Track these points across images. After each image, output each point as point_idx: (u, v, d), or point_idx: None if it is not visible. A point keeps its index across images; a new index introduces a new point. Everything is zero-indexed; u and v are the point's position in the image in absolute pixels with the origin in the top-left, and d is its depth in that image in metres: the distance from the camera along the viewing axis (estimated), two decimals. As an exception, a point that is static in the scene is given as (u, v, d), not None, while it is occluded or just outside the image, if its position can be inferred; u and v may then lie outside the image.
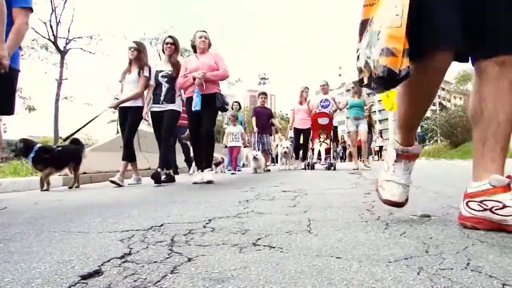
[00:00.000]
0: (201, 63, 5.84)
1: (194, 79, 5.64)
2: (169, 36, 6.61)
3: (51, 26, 22.98)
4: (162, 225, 2.08)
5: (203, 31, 6.10)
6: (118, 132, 14.04)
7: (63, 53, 23.45)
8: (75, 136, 6.22)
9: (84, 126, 6.27)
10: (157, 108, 6.28)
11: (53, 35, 23.07)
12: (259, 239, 1.68)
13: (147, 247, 1.56)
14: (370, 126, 15.24)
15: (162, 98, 6.25)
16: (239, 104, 13.17)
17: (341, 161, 24.92)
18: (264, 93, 11.80)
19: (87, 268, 1.27)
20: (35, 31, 22.92)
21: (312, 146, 10.49)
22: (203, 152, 5.93)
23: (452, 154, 24.54)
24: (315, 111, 10.47)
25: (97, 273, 1.23)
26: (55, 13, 22.92)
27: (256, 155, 9.33)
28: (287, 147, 10.90)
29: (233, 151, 10.54)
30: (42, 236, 1.86)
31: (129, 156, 6.32)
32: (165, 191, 4.59)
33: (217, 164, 10.43)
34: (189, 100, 5.80)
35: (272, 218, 2.27)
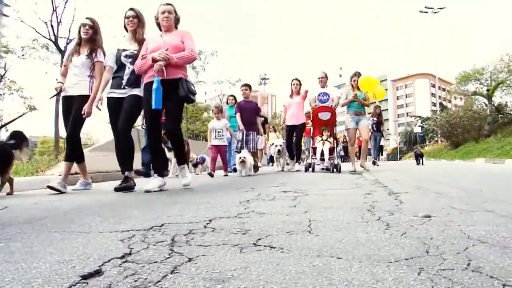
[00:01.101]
0: (164, 42, 4.74)
1: (154, 61, 4.53)
2: (130, 9, 5.22)
3: (52, 26, 22.94)
4: (162, 225, 2.08)
5: (168, 4, 4.92)
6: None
7: (63, 53, 23.41)
8: (21, 129, 5.08)
9: (12, 121, 5.21)
10: (117, 93, 5.04)
11: (54, 35, 23.04)
12: (259, 239, 1.68)
13: (147, 247, 1.56)
14: (380, 124, 14.46)
15: (124, 82, 5.01)
16: (234, 98, 11.74)
17: (341, 161, 24.64)
18: (247, 85, 9.77)
19: (87, 268, 1.27)
20: (36, 31, 22.94)
21: (313, 144, 8.91)
22: (161, 157, 5.04)
23: (452, 155, 24.54)
24: (315, 105, 9.18)
25: (97, 273, 1.23)
26: (56, 13, 22.88)
27: (245, 158, 7.87)
28: (280, 145, 9.71)
29: (216, 151, 8.66)
30: (43, 236, 1.86)
31: (73, 155, 5.16)
32: (166, 191, 4.59)
33: (195, 165, 9.57)
34: (148, 86, 4.66)
35: (272, 218, 2.27)
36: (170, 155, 7.30)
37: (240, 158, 7.87)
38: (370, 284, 1.08)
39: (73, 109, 5.00)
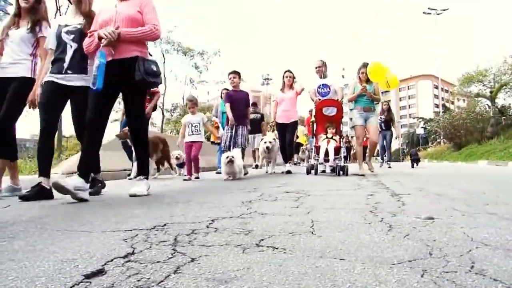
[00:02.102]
0: (117, 13, 3.77)
1: (100, 38, 3.58)
2: None
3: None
4: (165, 225, 2.08)
5: None
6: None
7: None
8: None
9: None
10: (57, 78, 3.87)
11: (57, 34, 23.13)
12: (262, 239, 1.68)
13: (150, 247, 1.56)
14: (390, 121, 13.44)
15: (66, 65, 3.89)
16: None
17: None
18: (235, 72, 7.89)
19: (90, 267, 1.27)
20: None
21: (317, 143, 7.71)
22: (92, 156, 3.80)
23: (455, 156, 24.49)
24: (318, 99, 7.94)
25: (100, 272, 1.23)
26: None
27: (232, 157, 6.37)
28: (270, 142, 8.24)
29: (191, 148, 7.46)
30: (46, 235, 1.86)
31: (3, 150, 4.17)
32: (168, 191, 4.59)
33: (181, 165, 8.72)
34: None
35: (275, 219, 2.27)
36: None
37: (227, 157, 6.29)
38: (373, 286, 1.08)
39: (9, 94, 4.03)
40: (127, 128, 5.57)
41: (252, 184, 5.31)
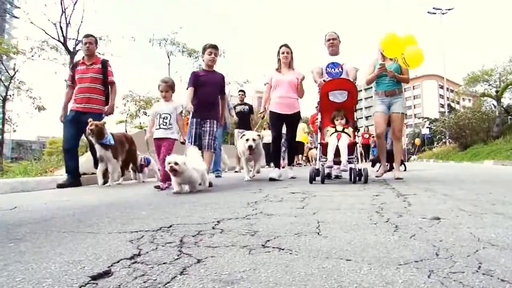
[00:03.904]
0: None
1: None
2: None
3: (61, 28, 23.09)
4: (171, 226, 2.09)
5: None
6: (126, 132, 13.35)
7: (72, 54, 23.59)
8: None
9: None
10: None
11: (63, 36, 23.17)
12: (268, 240, 1.68)
13: (156, 248, 1.56)
14: None
15: None
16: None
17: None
18: (213, 46, 5.76)
19: (97, 269, 1.27)
20: (45, 32, 23.15)
21: (323, 139, 5.61)
22: None
23: (460, 156, 24.35)
24: (323, 80, 5.79)
25: (107, 273, 1.23)
26: (65, 15, 23.05)
27: (176, 164, 4.19)
28: (253, 140, 6.14)
29: (159, 149, 5.42)
30: (52, 236, 1.87)
31: None
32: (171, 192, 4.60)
33: (140, 169, 7.21)
34: None
35: (280, 219, 2.26)
36: (103, 152, 5.92)
37: (169, 163, 4.18)
38: (380, 287, 1.07)
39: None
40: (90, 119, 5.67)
41: (257, 185, 5.30)
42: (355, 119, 5.74)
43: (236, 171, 10.58)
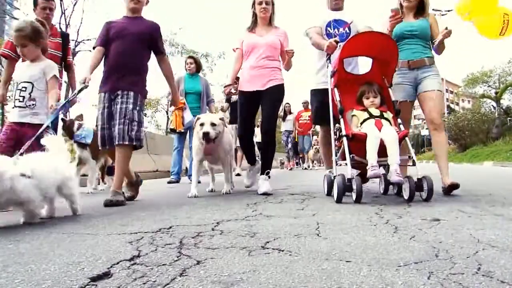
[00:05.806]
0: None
1: None
2: None
3: (60, 29, 23.19)
4: (170, 227, 2.09)
5: None
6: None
7: (72, 55, 23.69)
8: None
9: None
10: None
11: (63, 37, 23.25)
12: (267, 242, 1.68)
13: (156, 250, 1.56)
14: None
15: None
16: (196, 61, 7.81)
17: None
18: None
19: (96, 270, 1.27)
20: (45, 33, 23.15)
21: (347, 131, 3.38)
22: None
23: (460, 158, 24.35)
24: (334, 42, 3.75)
25: (106, 275, 1.23)
26: (64, 16, 23.08)
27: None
28: (211, 124, 3.84)
29: (21, 138, 3.31)
30: (51, 238, 1.87)
31: None
32: (173, 193, 4.60)
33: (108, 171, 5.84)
34: None
35: (280, 221, 2.26)
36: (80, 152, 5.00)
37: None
38: (379, 288, 1.07)
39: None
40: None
41: (256, 186, 5.28)
42: (393, 99, 3.69)
43: (237, 174, 8.52)
